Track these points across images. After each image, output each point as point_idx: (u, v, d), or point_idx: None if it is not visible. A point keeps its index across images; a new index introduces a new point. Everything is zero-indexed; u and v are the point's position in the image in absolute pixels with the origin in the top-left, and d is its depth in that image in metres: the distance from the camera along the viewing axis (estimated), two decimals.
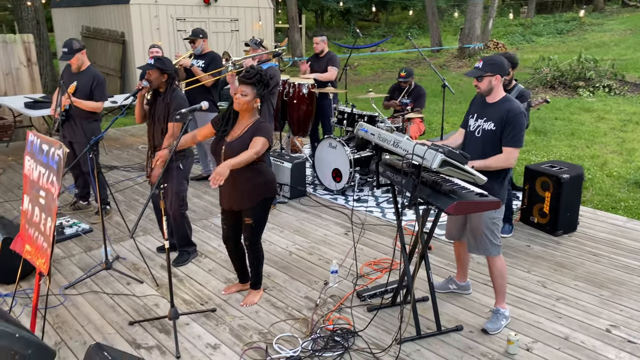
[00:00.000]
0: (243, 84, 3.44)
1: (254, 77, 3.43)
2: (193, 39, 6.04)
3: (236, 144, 3.47)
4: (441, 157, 2.80)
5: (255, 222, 3.64)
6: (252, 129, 3.47)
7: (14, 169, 7.12)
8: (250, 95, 3.43)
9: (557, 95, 13.09)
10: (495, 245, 3.46)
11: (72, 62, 5.06)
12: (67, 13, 13.28)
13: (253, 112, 3.52)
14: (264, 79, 3.46)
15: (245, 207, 3.60)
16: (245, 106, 3.45)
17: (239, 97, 3.44)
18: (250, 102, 3.45)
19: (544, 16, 28.99)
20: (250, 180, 3.52)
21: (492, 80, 3.35)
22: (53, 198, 3.20)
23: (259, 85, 3.44)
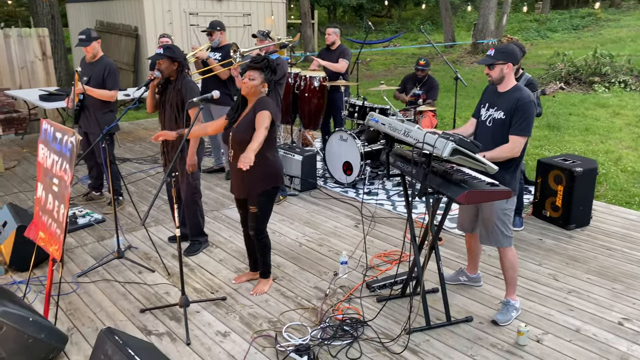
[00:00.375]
0: (251, 69, 3.47)
1: (261, 62, 3.47)
2: (210, 31, 6.03)
3: (240, 125, 3.52)
4: (452, 146, 2.78)
5: (259, 211, 3.65)
6: (254, 107, 3.50)
7: (29, 160, 7.21)
8: (257, 79, 3.46)
9: (572, 91, 12.94)
10: (507, 237, 3.44)
11: (88, 50, 5.10)
12: (82, 8, 13.40)
13: (260, 95, 3.54)
14: (271, 65, 3.50)
15: (250, 196, 3.62)
16: (253, 90, 3.48)
17: (247, 81, 3.46)
18: (258, 87, 3.48)
19: (560, 12, 28.72)
20: (256, 168, 3.51)
21: (504, 69, 3.33)
22: (66, 185, 3.24)
23: (267, 71, 3.48)
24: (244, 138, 3.47)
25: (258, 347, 3.24)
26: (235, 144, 3.56)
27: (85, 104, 5.14)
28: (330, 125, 7.26)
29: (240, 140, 3.51)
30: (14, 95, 8.15)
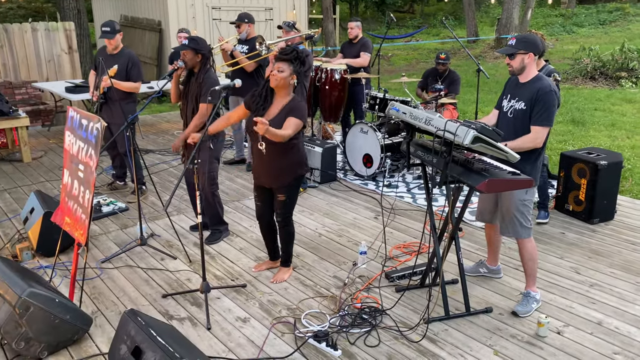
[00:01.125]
0: (280, 60, 3.48)
1: (290, 53, 3.47)
2: (239, 24, 6.07)
3: (272, 122, 3.49)
4: (473, 133, 2.77)
5: (287, 199, 3.68)
6: (286, 109, 3.50)
7: (55, 151, 7.36)
8: (287, 71, 3.46)
9: (598, 87, 12.72)
10: (526, 228, 3.41)
11: (112, 43, 5.18)
12: (106, 2, 13.60)
13: (289, 90, 3.55)
14: (300, 56, 3.49)
15: (278, 185, 3.64)
16: (282, 82, 3.47)
17: (276, 73, 3.47)
18: (287, 79, 3.48)
19: (586, 6, 28.14)
20: (283, 158, 3.55)
21: (525, 59, 3.29)
22: (91, 171, 3.31)
23: (296, 62, 3.48)
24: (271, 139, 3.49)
25: (277, 332, 3.28)
26: (266, 141, 3.56)
27: (108, 96, 5.22)
28: (350, 118, 7.27)
29: (268, 140, 3.53)
30: (41, 87, 8.32)
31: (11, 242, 4.55)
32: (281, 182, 3.63)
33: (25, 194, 5.67)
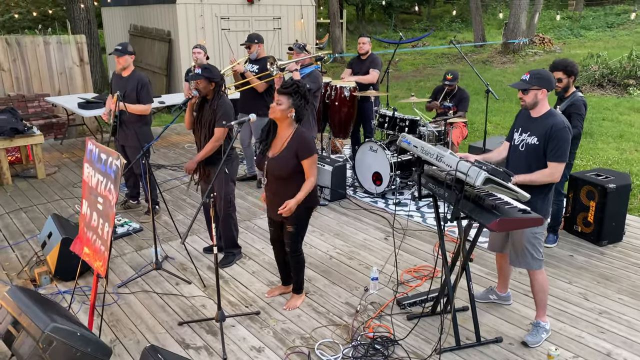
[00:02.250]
0: (280, 93, 3.56)
1: (290, 87, 3.54)
2: (249, 45, 6.16)
3: (279, 160, 3.59)
4: (485, 175, 2.83)
5: (295, 230, 3.75)
6: (292, 144, 3.57)
7: (68, 166, 7.47)
8: (284, 104, 3.54)
9: (606, 94, 12.72)
10: (537, 260, 3.47)
11: (120, 62, 5.26)
12: (117, 12, 13.72)
13: (290, 122, 3.61)
14: (300, 91, 3.55)
15: (287, 216, 3.72)
16: (280, 114, 3.56)
17: (274, 105, 3.56)
18: (284, 111, 3.55)
19: (594, 9, 28.04)
20: (293, 190, 3.62)
21: (538, 94, 3.35)
22: (111, 205, 3.40)
23: (295, 96, 3.54)
24: (280, 174, 3.60)
25: None
26: (272, 177, 3.67)
27: (122, 119, 5.32)
28: (360, 134, 7.34)
29: (277, 175, 3.62)
30: (54, 102, 8.44)
31: (29, 265, 4.65)
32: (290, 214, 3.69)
33: (41, 213, 5.78)
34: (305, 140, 3.58)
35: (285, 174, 3.60)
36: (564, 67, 4.58)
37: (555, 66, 4.70)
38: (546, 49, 19.39)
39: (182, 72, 11.58)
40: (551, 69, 4.70)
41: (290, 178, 3.60)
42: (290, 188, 3.61)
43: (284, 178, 3.62)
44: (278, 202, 3.68)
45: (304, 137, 3.59)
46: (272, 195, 3.76)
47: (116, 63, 5.28)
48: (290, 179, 3.61)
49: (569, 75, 4.61)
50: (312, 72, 5.58)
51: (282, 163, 3.58)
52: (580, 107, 4.54)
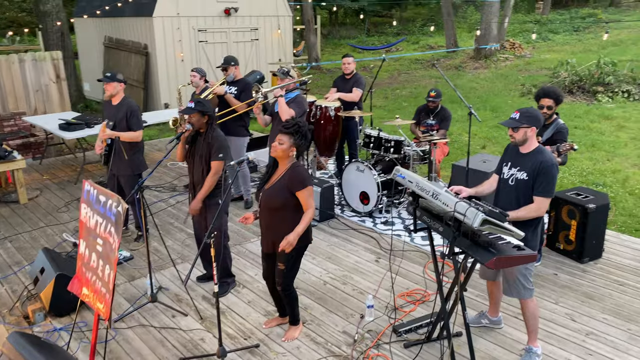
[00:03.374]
0: (282, 133, 3.63)
1: (292, 127, 3.62)
2: (225, 67, 6.21)
3: (271, 190, 3.69)
4: (482, 217, 2.95)
5: (287, 269, 3.80)
6: (285, 176, 3.65)
7: (50, 189, 7.37)
8: (286, 144, 3.62)
9: (576, 101, 13.10)
10: (528, 289, 3.62)
11: (107, 88, 5.25)
12: (90, 23, 13.52)
13: (289, 160, 3.70)
14: (301, 130, 3.63)
15: (278, 251, 3.77)
16: (281, 154, 3.65)
17: (276, 144, 3.63)
18: (286, 151, 3.63)
19: (560, 12, 28.82)
20: (287, 225, 3.68)
21: (528, 132, 3.50)
22: (112, 249, 3.41)
23: (297, 135, 3.62)
24: (273, 205, 3.67)
25: None
26: (265, 208, 3.74)
27: (114, 148, 5.30)
28: (344, 151, 7.44)
29: (269, 207, 3.70)
30: (33, 122, 8.30)
31: (20, 300, 4.60)
32: (280, 252, 3.74)
33: (27, 242, 5.70)
34: (298, 173, 3.65)
35: (276, 205, 3.67)
36: (556, 96, 4.78)
37: (547, 93, 4.86)
38: (516, 54, 19.85)
39: (160, 85, 11.52)
40: (542, 96, 4.87)
41: (281, 210, 3.67)
42: (281, 220, 3.68)
43: (275, 209, 3.69)
44: (271, 234, 3.76)
45: (297, 170, 3.67)
46: (265, 227, 3.83)
47: (105, 90, 5.26)
48: (281, 210, 3.67)
49: (557, 103, 4.80)
50: (297, 97, 5.64)
51: (273, 194, 3.67)
52: (565, 134, 4.75)
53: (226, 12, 12.07)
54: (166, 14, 11.30)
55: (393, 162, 6.42)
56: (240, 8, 12.28)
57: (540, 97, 4.91)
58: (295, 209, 3.68)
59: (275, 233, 3.73)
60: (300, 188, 3.61)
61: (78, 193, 7.17)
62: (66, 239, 5.74)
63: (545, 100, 4.87)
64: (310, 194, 3.65)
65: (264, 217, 3.81)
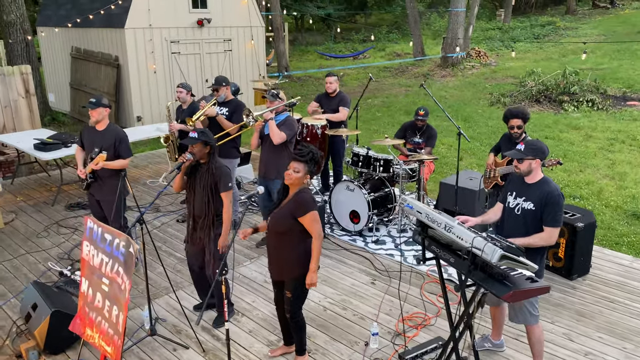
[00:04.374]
0: (296, 160, 3.62)
1: (306, 155, 3.61)
2: (217, 88, 6.12)
3: (277, 215, 3.71)
4: (500, 253, 3.00)
5: (293, 296, 3.79)
6: (291, 201, 3.67)
7: (26, 211, 7.10)
8: (302, 172, 3.62)
9: (544, 110, 13.51)
10: (534, 315, 3.70)
11: (93, 115, 5.08)
12: (56, 32, 13.11)
13: (301, 186, 3.69)
14: (315, 157, 3.64)
15: (285, 278, 3.76)
16: (297, 182, 3.65)
17: (291, 173, 3.63)
18: (301, 179, 3.64)
19: (520, 19, 29.62)
20: (293, 252, 3.69)
21: (532, 163, 3.58)
22: (121, 289, 3.31)
23: (311, 163, 3.63)
24: (278, 229, 3.69)
25: None
26: (272, 232, 3.74)
27: (98, 174, 5.14)
28: (329, 167, 7.45)
29: (276, 231, 3.71)
30: (4, 141, 7.98)
31: (10, 337, 4.41)
32: (287, 276, 3.74)
33: (8, 272, 5.48)
34: (302, 198, 3.65)
35: (280, 229, 3.69)
36: (523, 115, 5.03)
37: (515, 114, 5.12)
38: (482, 62, 20.31)
39: (132, 98, 11.27)
40: (510, 117, 5.10)
41: (287, 235, 3.68)
42: (287, 245, 3.70)
43: (280, 233, 3.71)
44: (277, 258, 3.78)
45: (301, 196, 3.67)
46: (272, 251, 3.84)
47: (91, 116, 5.09)
48: (287, 235, 3.68)
49: (525, 121, 5.03)
50: (287, 119, 5.61)
51: (278, 218, 3.70)
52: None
53: (199, 23, 11.92)
54: (138, 25, 11.07)
55: (382, 180, 6.47)
56: (213, 19, 12.14)
57: (509, 119, 5.13)
58: (301, 234, 3.68)
59: (281, 258, 3.74)
60: (303, 214, 3.61)
61: (56, 216, 6.94)
62: (52, 267, 5.54)
63: (514, 121, 5.12)
64: (315, 219, 3.63)
65: (270, 241, 3.81)
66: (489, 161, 5.51)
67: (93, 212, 5.49)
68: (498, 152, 5.50)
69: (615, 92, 14.49)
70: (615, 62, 18.34)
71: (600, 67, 17.77)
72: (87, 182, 5.18)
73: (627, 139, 10.79)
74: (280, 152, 5.50)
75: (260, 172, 5.64)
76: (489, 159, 5.54)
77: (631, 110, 13.04)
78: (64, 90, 13.55)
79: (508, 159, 5.24)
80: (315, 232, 3.65)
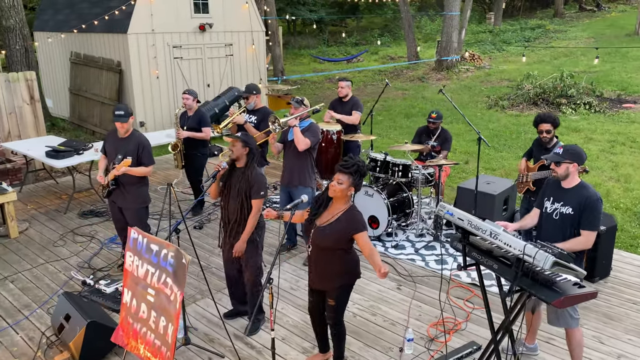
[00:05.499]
0: (340, 172, 3.60)
1: (351, 167, 3.59)
2: (247, 95, 6.12)
3: (327, 230, 3.65)
4: (552, 260, 3.04)
5: (337, 304, 3.80)
6: (345, 219, 3.62)
7: (38, 220, 7.02)
8: (345, 183, 3.60)
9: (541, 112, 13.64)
10: (575, 319, 3.75)
11: (124, 126, 5.06)
12: (54, 38, 12.97)
13: (347, 199, 3.68)
14: (361, 169, 3.61)
15: (328, 288, 3.76)
16: (340, 194, 3.62)
17: (335, 184, 3.60)
18: (345, 190, 3.61)
19: (510, 22, 29.92)
20: (337, 263, 3.69)
21: (570, 167, 3.64)
22: (170, 300, 3.29)
23: (356, 175, 3.60)
24: (324, 245, 3.65)
25: None
26: (315, 246, 3.71)
27: (120, 181, 5.12)
28: None
29: (320, 246, 3.68)
30: (14, 149, 7.88)
31: (41, 348, 4.36)
32: (330, 286, 3.74)
33: (30, 282, 5.41)
34: (357, 216, 3.64)
35: (328, 245, 3.65)
36: (552, 120, 5.07)
37: (545, 119, 5.15)
38: (476, 65, 20.49)
39: (135, 104, 11.19)
40: (540, 121, 5.14)
41: (332, 251, 3.66)
42: (330, 261, 3.67)
43: (326, 249, 3.67)
44: (322, 270, 3.74)
45: (355, 214, 3.65)
46: (313, 265, 3.82)
47: (119, 128, 5.05)
48: (332, 251, 3.66)
49: (555, 127, 5.07)
50: (311, 125, 5.63)
51: (327, 234, 3.64)
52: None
53: (201, 28, 11.87)
54: (141, 30, 10.99)
55: (399, 185, 6.50)
56: (214, 24, 12.10)
57: (539, 123, 5.18)
58: (345, 250, 3.68)
59: (326, 270, 3.72)
60: (361, 230, 3.59)
61: (70, 224, 6.87)
62: (73, 276, 5.48)
63: (543, 126, 5.17)
64: (366, 236, 3.62)
65: (313, 253, 3.78)
66: (521, 166, 5.52)
67: (115, 219, 5.45)
68: (530, 157, 5.55)
69: (610, 94, 14.71)
70: (608, 64, 18.59)
71: (593, 70, 18.01)
72: (109, 190, 5.15)
73: (627, 140, 10.96)
74: (305, 159, 5.51)
75: (284, 180, 5.63)
76: (521, 164, 5.54)
77: (627, 112, 13.23)
78: (62, 96, 13.41)
79: (540, 164, 5.29)
80: (369, 249, 3.55)
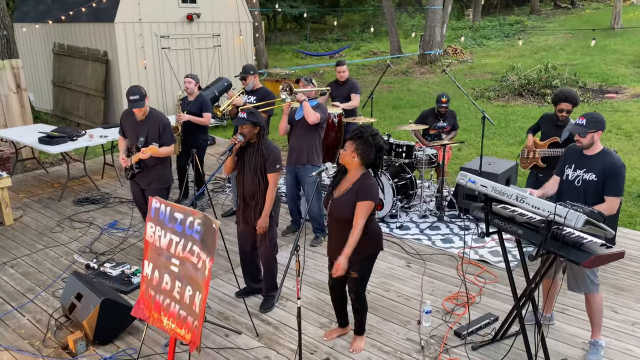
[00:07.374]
0: (347, 139, 3.62)
1: (354, 132, 3.62)
2: (244, 76, 6.02)
3: (341, 201, 3.64)
4: (585, 218, 3.05)
5: (360, 276, 3.78)
6: (355, 187, 3.60)
7: (32, 207, 6.82)
8: (349, 149, 3.60)
9: (527, 103, 13.84)
10: (595, 284, 3.78)
11: (141, 110, 4.93)
12: (35, 28, 12.65)
13: (358, 166, 3.65)
14: (364, 135, 3.57)
15: (351, 262, 3.72)
16: (347, 159, 3.62)
17: (342, 150, 3.62)
18: (349, 155, 3.60)
19: (489, 18, 30.28)
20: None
21: (595, 136, 3.66)
22: (197, 268, 3.21)
23: (358, 141, 3.57)
24: (342, 216, 3.63)
25: None
26: (333, 219, 3.70)
27: (145, 163, 5.00)
28: None
29: (337, 217, 3.66)
30: (6, 137, 7.65)
31: (50, 329, 4.22)
32: (353, 259, 3.69)
33: (31, 267, 5.25)
34: (366, 184, 3.59)
35: (343, 216, 3.62)
36: (575, 100, 5.00)
37: (567, 98, 5.08)
38: (459, 59, 20.67)
39: (122, 95, 10.97)
40: (563, 99, 5.07)
41: (348, 222, 3.62)
42: (347, 232, 3.63)
43: (342, 220, 3.64)
44: (336, 244, 3.70)
45: (366, 182, 3.61)
46: (332, 236, 3.78)
47: (137, 113, 4.93)
48: (348, 223, 3.62)
49: (575, 106, 5.04)
50: (319, 104, 5.59)
51: (342, 205, 3.62)
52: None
53: (189, 18, 11.72)
54: (128, 19, 10.80)
55: (402, 166, 6.50)
56: (202, 14, 11.96)
57: (561, 101, 5.12)
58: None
59: (339, 243, 3.67)
60: (363, 199, 3.54)
61: (66, 211, 6.69)
62: (77, 259, 5.33)
63: (564, 104, 5.10)
64: (368, 208, 3.56)
65: (332, 225, 3.76)
66: (529, 142, 5.44)
67: (136, 201, 5.35)
68: (536, 132, 5.51)
69: (592, 85, 14.99)
70: (587, 57, 18.94)
71: (573, 62, 18.33)
72: (133, 172, 5.03)
73: (613, 128, 11.17)
74: (313, 137, 5.47)
75: (292, 159, 5.55)
76: (528, 140, 5.48)
77: (610, 102, 13.50)
78: (44, 89, 13.09)
79: (551, 141, 5.24)
80: (361, 220, 3.52)
